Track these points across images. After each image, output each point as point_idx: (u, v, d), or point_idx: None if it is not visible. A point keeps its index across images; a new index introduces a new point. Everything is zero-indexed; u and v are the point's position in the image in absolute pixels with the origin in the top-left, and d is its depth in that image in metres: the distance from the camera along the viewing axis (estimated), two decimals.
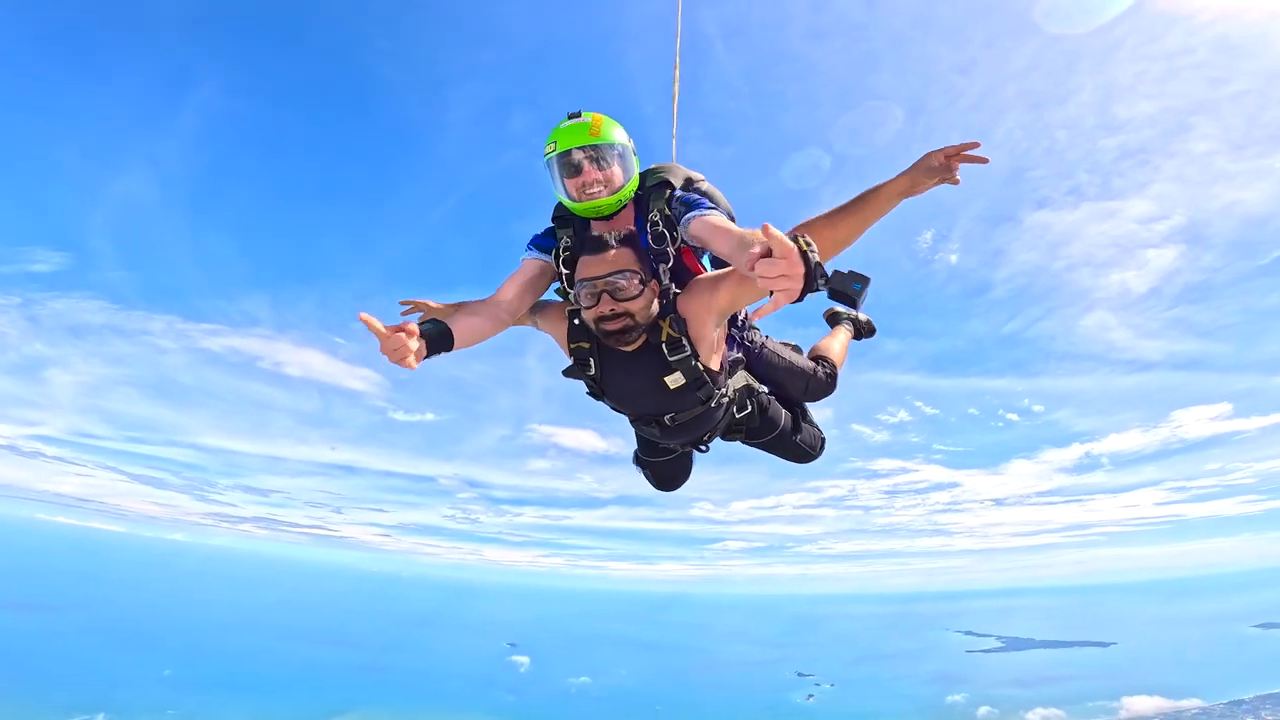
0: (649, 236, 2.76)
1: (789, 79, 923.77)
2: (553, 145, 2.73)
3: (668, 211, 2.78)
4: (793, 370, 3.30)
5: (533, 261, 2.94)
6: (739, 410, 3.08)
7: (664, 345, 2.65)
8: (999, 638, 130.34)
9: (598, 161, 2.72)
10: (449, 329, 2.46)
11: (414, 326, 2.23)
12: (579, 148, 2.70)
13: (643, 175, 2.93)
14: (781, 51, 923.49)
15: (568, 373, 2.91)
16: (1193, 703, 69.83)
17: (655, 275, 2.68)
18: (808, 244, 1.90)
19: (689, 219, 2.62)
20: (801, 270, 1.89)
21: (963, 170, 2.50)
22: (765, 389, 3.26)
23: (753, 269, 1.90)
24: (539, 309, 2.98)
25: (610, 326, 2.56)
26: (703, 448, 3.19)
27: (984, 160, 2.44)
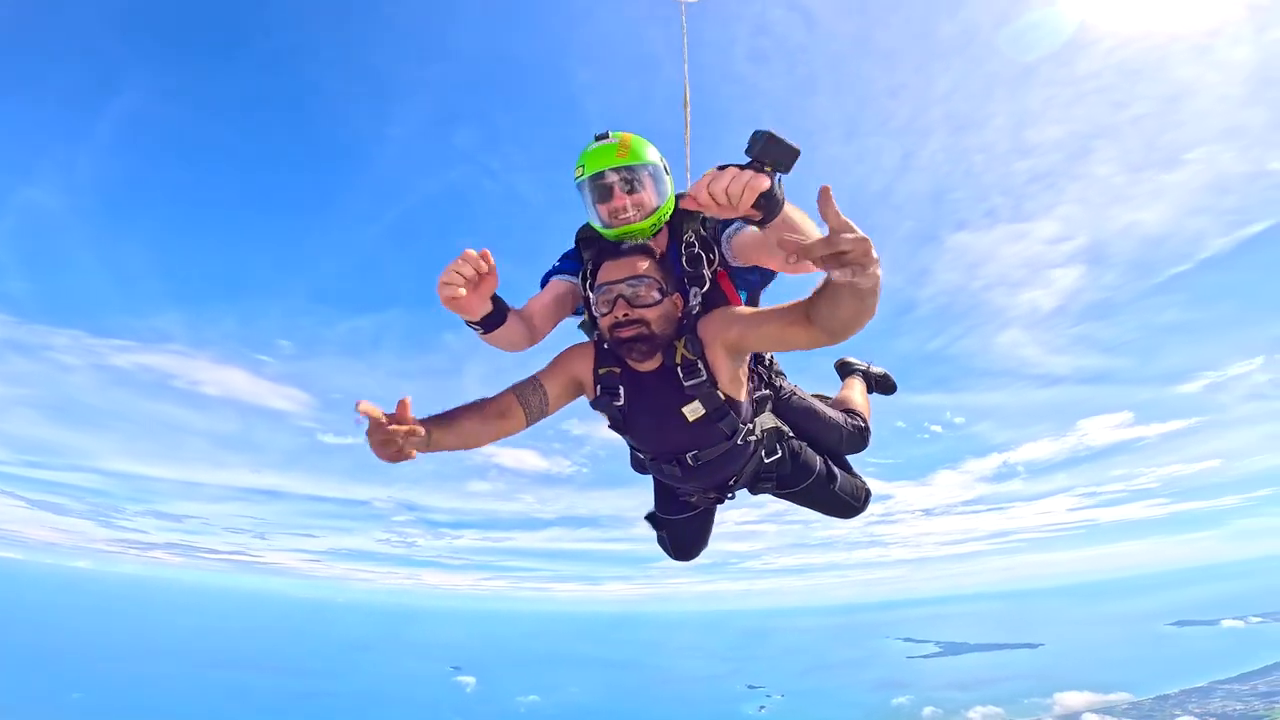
0: (684, 258, 2.58)
1: (732, 99, 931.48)
2: (581, 169, 2.54)
3: (703, 232, 2.64)
4: (826, 422, 3.12)
5: (559, 281, 2.76)
6: (768, 454, 2.82)
7: (679, 368, 2.42)
8: (937, 643, 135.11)
9: (628, 184, 2.51)
10: (507, 309, 2.36)
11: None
12: (609, 169, 2.49)
13: (675, 196, 2.71)
14: (726, 72, 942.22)
15: (596, 405, 2.62)
16: (1123, 696, 73.95)
17: (682, 293, 2.52)
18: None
19: (731, 232, 2.58)
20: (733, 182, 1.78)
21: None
22: (794, 435, 3.02)
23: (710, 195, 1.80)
24: (545, 375, 2.58)
25: (624, 334, 2.36)
26: (729, 495, 2.92)
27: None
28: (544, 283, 2.79)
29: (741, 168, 1.79)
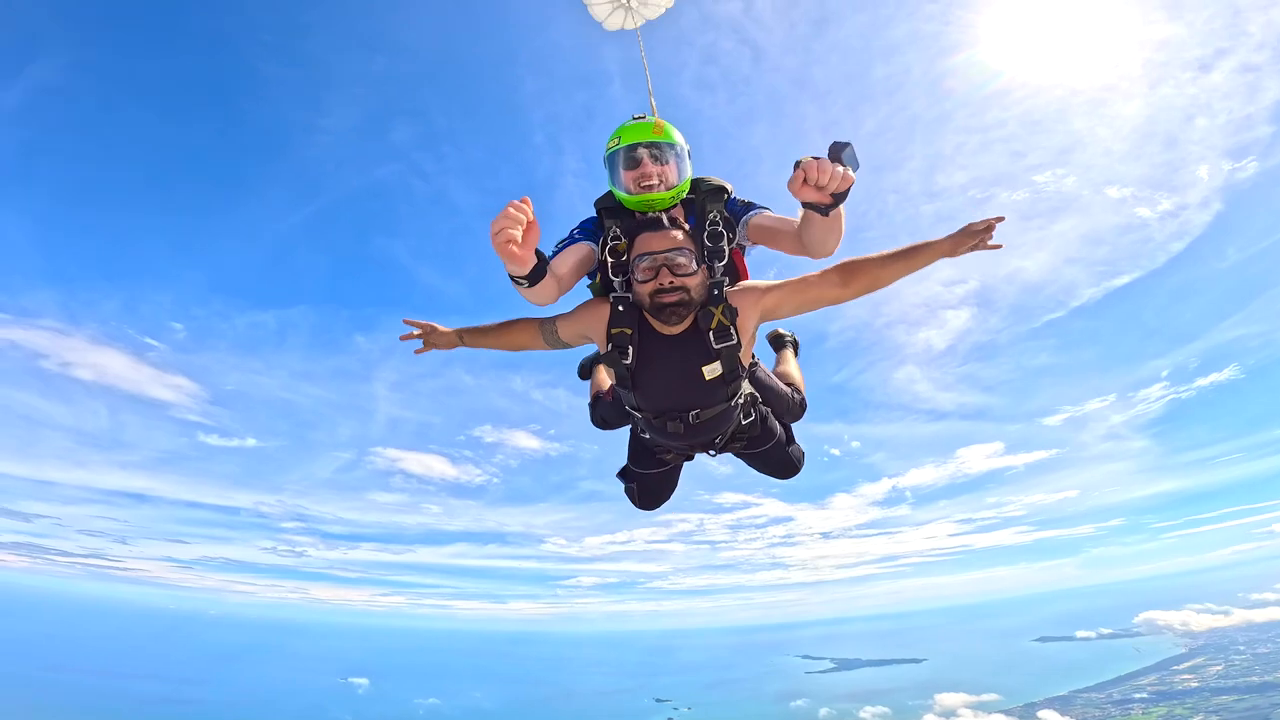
0: (706, 234, 2.88)
1: (676, 122, 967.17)
2: (616, 140, 2.96)
3: (725, 214, 2.97)
4: (778, 393, 3.54)
5: (583, 245, 3.00)
6: (745, 417, 3.22)
7: (712, 331, 2.75)
8: (832, 659, 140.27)
9: (657, 158, 2.91)
10: (547, 263, 2.56)
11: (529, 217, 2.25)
12: (641, 143, 2.91)
13: (695, 181, 3.10)
14: (672, 97, 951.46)
15: (605, 359, 2.93)
16: (993, 697, 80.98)
17: (708, 265, 2.82)
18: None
19: (750, 215, 3.00)
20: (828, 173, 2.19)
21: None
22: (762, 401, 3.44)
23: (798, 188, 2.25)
24: (561, 321, 3.00)
25: (667, 299, 2.66)
26: (712, 451, 3.32)
27: (996, 246, 2.70)
28: (560, 247, 3.01)
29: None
